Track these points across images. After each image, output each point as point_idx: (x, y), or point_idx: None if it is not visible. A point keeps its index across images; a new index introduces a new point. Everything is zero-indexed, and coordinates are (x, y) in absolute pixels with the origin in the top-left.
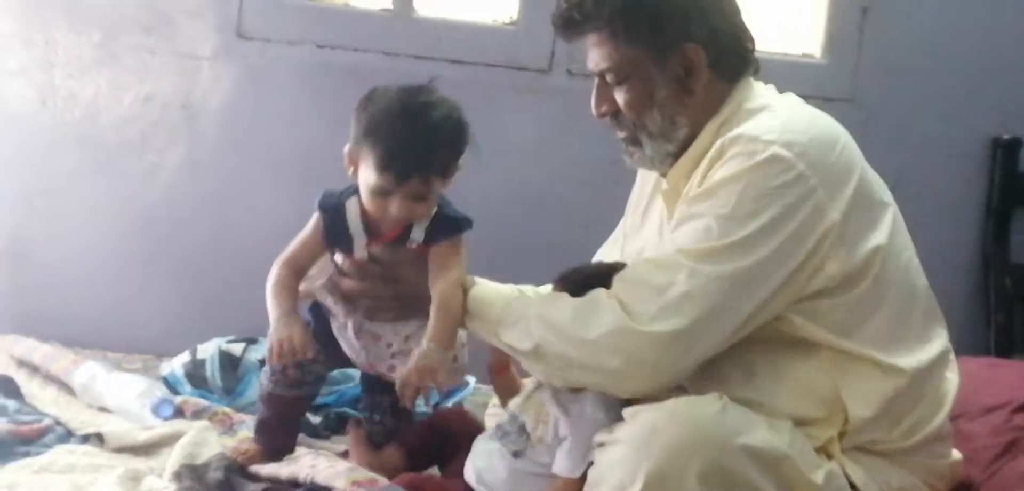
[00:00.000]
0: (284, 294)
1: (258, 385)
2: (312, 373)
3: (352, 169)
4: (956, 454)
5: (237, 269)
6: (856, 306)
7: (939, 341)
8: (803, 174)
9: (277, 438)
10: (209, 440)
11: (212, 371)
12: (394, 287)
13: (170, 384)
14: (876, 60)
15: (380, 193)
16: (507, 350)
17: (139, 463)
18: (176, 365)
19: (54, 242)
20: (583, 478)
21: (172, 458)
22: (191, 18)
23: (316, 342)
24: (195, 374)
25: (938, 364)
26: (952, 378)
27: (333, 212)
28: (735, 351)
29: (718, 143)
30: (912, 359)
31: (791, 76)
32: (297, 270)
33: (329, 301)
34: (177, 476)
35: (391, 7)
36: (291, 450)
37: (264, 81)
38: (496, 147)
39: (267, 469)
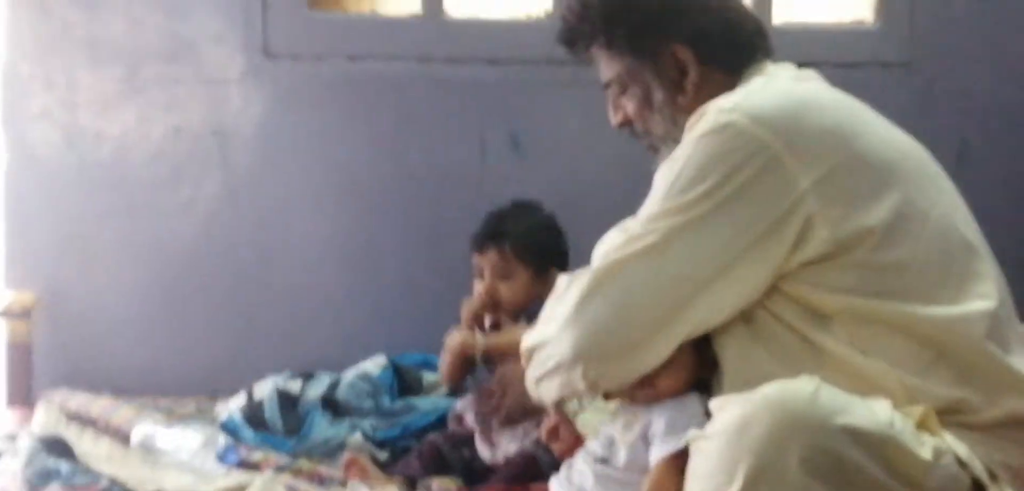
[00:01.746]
0: None
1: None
2: None
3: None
4: None
5: (284, 297)
6: (870, 269)
7: (983, 302)
8: (760, 139)
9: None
10: (276, 489)
11: (272, 412)
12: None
13: (230, 430)
14: (932, 21)
15: (477, 274)
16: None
17: None
18: (233, 409)
19: (92, 289)
20: (679, 466)
21: None
22: (215, 42)
23: None
24: (254, 417)
25: (980, 321)
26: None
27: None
28: (763, 343)
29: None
30: (945, 312)
31: (843, 44)
32: None
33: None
34: None
35: (420, 12)
36: None
37: (296, 99)
38: (540, 146)
39: None
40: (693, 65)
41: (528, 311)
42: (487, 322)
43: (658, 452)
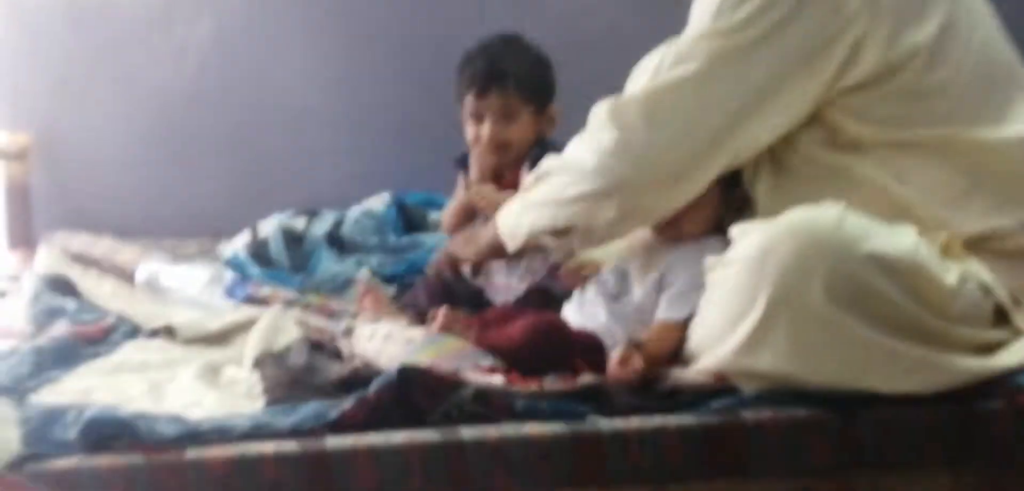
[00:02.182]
0: None
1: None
2: None
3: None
4: None
5: (284, 138)
6: (914, 94)
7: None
8: None
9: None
10: (286, 325)
11: (277, 249)
12: None
13: (235, 267)
14: None
15: (474, 118)
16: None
17: (215, 354)
18: (238, 247)
19: (88, 131)
20: (682, 326)
21: (250, 346)
22: None
23: None
24: (259, 254)
25: (1020, 146)
26: None
27: (463, 160)
28: (793, 175)
29: None
30: (986, 135)
31: None
32: None
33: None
34: (258, 363)
35: None
36: None
37: None
38: None
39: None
40: None
41: (532, 154)
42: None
43: (665, 313)
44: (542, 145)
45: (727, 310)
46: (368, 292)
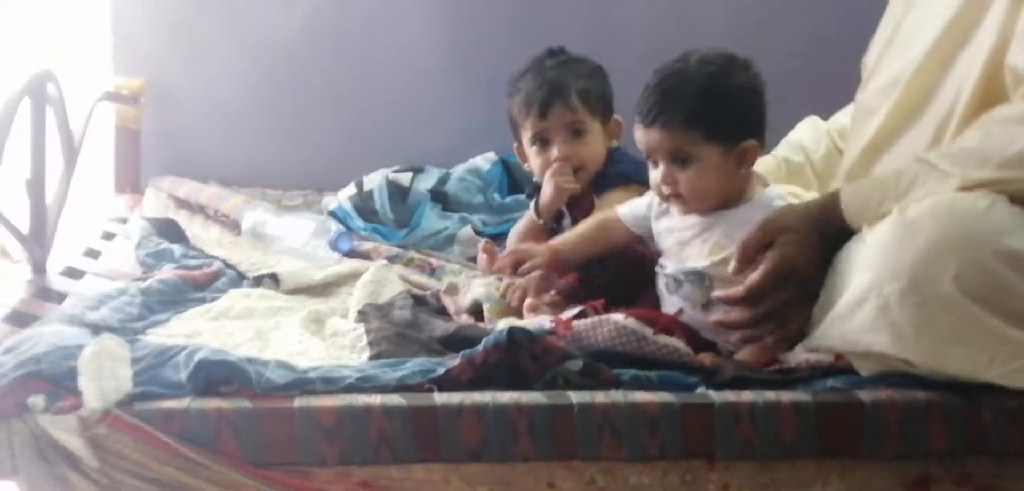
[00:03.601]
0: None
1: None
2: None
3: (525, 163)
4: None
5: (392, 97)
6: None
7: None
8: None
9: None
10: (390, 278)
11: (381, 203)
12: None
13: (339, 218)
14: None
15: (539, 142)
16: None
17: (319, 304)
18: (342, 198)
19: (199, 79)
20: None
21: (355, 297)
22: None
23: None
24: (363, 207)
25: None
26: None
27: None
28: None
29: None
30: None
31: None
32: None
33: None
34: (363, 316)
35: None
36: None
37: None
38: None
39: (456, 304)
40: None
41: (605, 172)
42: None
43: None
44: (612, 159)
45: (855, 286)
46: (487, 249)
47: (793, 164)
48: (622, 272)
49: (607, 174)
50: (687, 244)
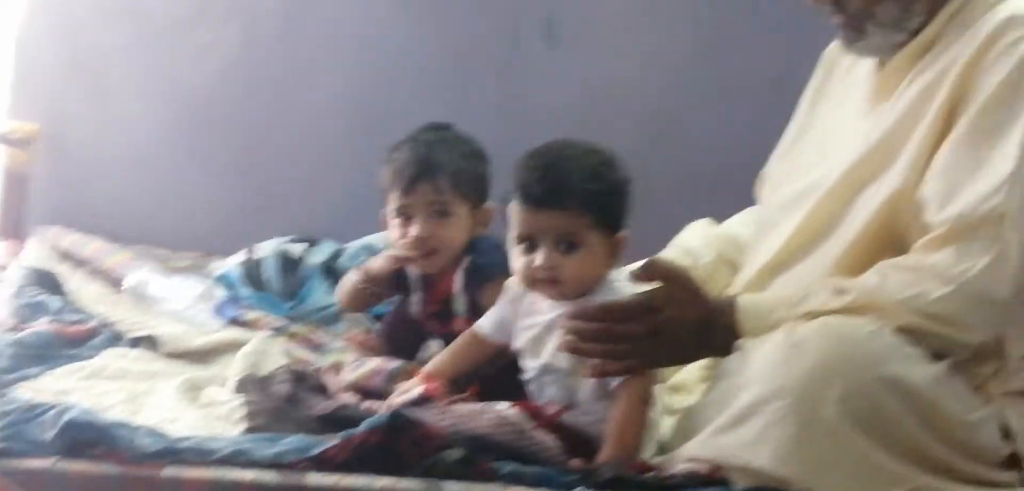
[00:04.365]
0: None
1: None
2: None
3: (386, 230)
4: None
5: (296, 161)
6: None
7: None
8: None
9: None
10: (272, 351)
11: (270, 272)
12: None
13: (226, 285)
14: None
15: (402, 216)
16: None
17: (197, 371)
18: (231, 265)
19: (97, 125)
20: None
21: (234, 367)
22: None
23: None
24: (252, 275)
25: None
26: None
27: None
28: None
29: (993, 25)
30: None
31: None
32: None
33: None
34: (241, 387)
35: None
36: None
37: None
38: (573, 39)
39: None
40: None
41: (465, 260)
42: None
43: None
44: (475, 248)
45: (739, 400)
46: (360, 336)
47: None
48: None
49: (482, 266)
50: (542, 340)
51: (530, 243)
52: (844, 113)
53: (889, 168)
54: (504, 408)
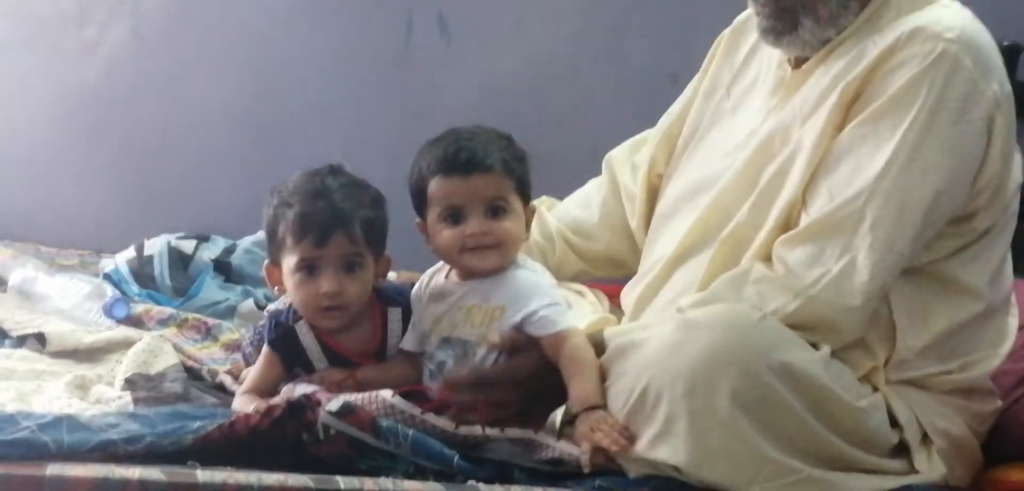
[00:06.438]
0: None
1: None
2: None
3: (276, 286)
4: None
5: (185, 159)
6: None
7: (1012, 274)
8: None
9: None
10: (164, 349)
11: (160, 269)
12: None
13: (114, 282)
14: None
15: (305, 270)
16: None
17: (85, 370)
18: (120, 262)
19: None
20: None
21: (124, 366)
22: None
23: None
24: (141, 272)
25: (1008, 298)
26: (1015, 315)
27: (283, 340)
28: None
29: (898, 34)
30: (992, 287)
31: None
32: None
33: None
34: (130, 384)
35: None
36: None
37: None
38: (466, 35)
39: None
40: None
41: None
42: None
43: (555, 328)
44: (383, 296)
45: (630, 392)
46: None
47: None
48: None
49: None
50: (449, 317)
51: (456, 214)
52: (746, 106)
53: (788, 165)
54: (388, 396)
